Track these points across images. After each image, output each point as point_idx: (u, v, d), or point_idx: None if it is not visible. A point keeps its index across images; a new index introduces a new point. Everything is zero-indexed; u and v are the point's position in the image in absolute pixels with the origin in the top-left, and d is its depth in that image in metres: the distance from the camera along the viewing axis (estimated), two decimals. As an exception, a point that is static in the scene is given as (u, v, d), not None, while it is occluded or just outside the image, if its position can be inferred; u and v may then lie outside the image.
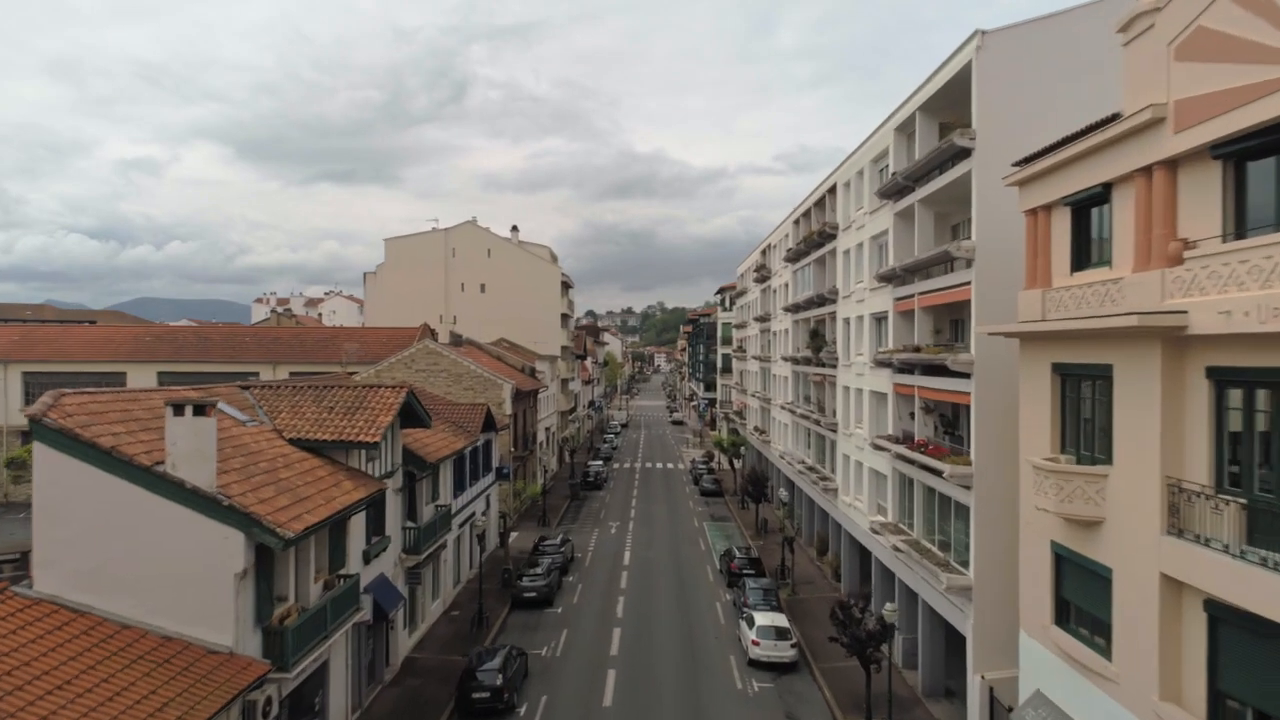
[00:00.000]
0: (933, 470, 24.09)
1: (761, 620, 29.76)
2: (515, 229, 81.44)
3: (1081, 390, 16.15)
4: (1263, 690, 11.65)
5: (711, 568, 42.39)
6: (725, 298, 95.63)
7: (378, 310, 77.07)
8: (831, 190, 39.12)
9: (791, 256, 47.06)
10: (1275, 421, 11.58)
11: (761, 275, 60.25)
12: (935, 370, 24.57)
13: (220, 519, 16.59)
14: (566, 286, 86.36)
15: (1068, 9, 22.09)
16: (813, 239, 41.10)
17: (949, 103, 24.89)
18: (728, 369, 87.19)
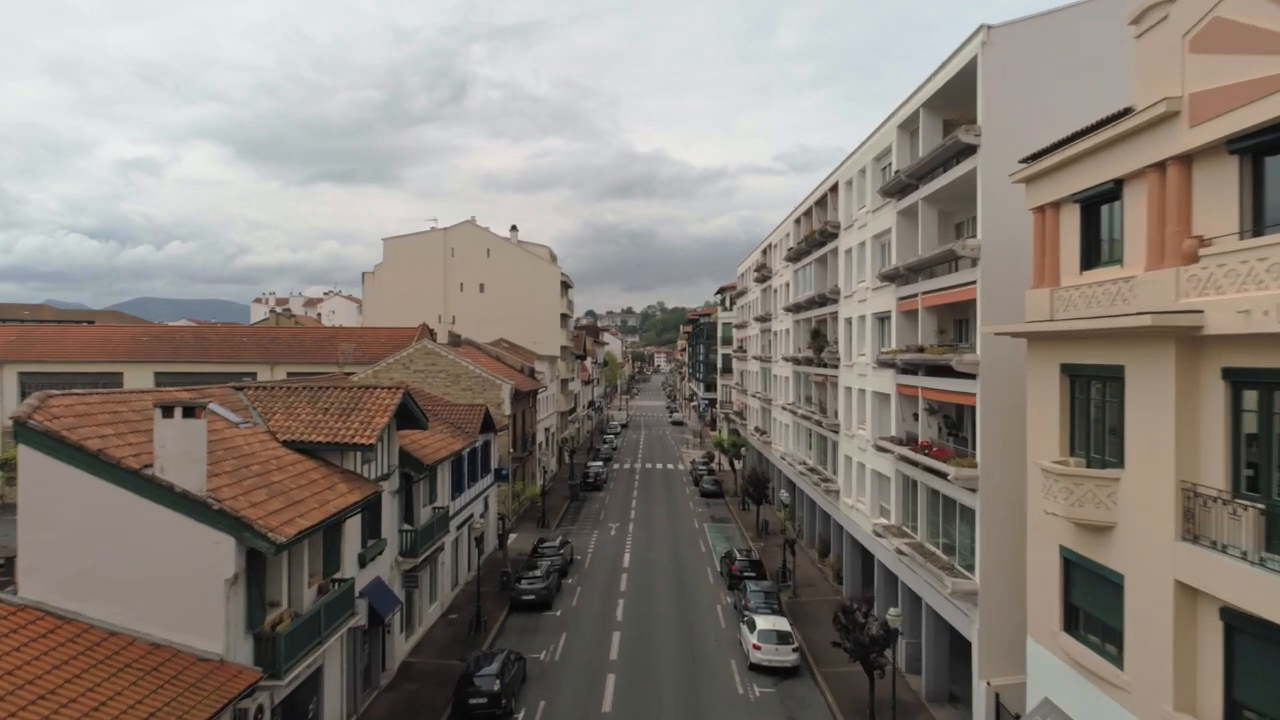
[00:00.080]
0: (937, 473, 23.72)
1: (763, 624, 29.38)
2: (514, 229, 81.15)
3: (1091, 392, 15.79)
4: (1282, 702, 11.32)
5: (712, 570, 42.03)
6: (725, 298, 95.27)
7: (376, 310, 76.68)
8: (833, 189, 38.76)
9: (792, 256, 46.71)
10: (1295, 424, 11.25)
11: (762, 275, 59.90)
12: (940, 371, 24.22)
13: (210, 523, 16.24)
14: (566, 286, 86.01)
15: (1075, 3, 21.71)
16: (814, 238, 40.74)
17: (953, 99, 24.54)
18: (728, 369, 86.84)
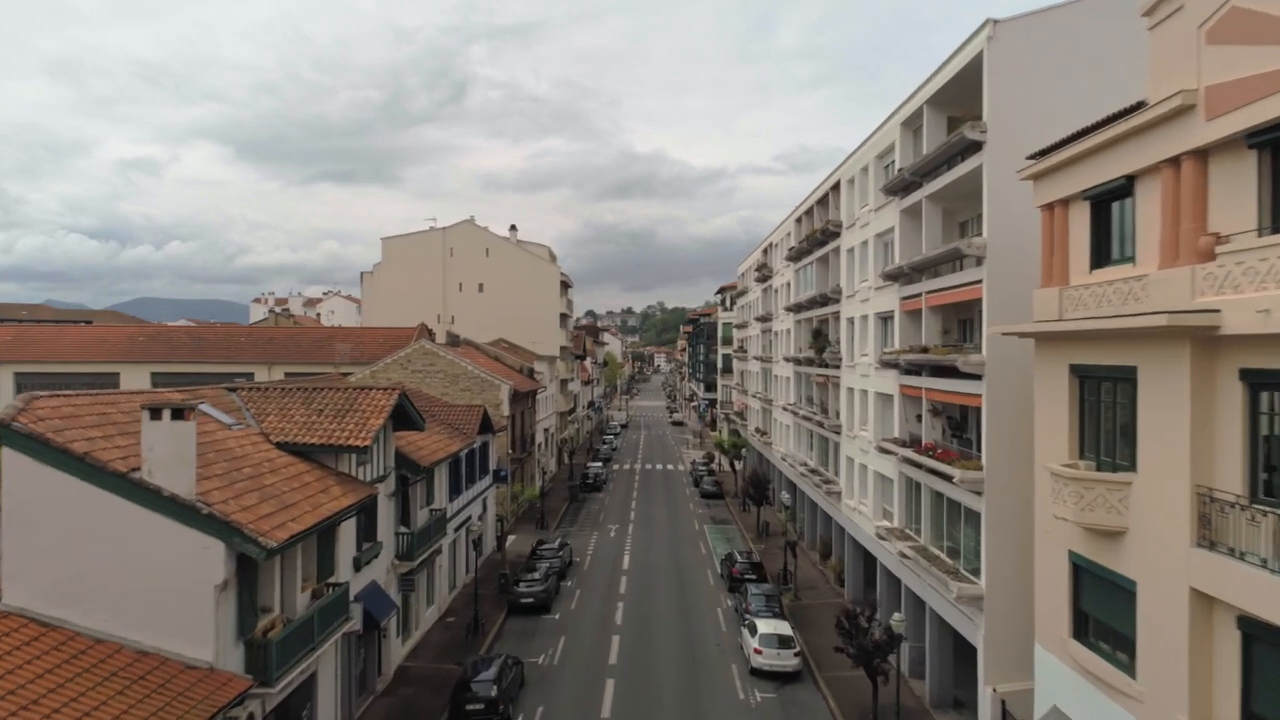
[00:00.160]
0: (942, 475, 23.33)
1: (764, 628, 28.99)
2: (514, 228, 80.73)
3: (1102, 393, 15.40)
4: (1304, 715, 10.94)
5: (712, 572, 41.64)
6: (726, 297, 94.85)
7: (375, 310, 76.25)
8: (835, 187, 38.37)
9: (793, 255, 46.31)
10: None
11: (763, 274, 59.51)
12: (944, 371, 23.83)
13: (199, 528, 15.86)
14: (565, 286, 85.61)
15: (1082, -3, 21.34)
16: (815, 237, 40.35)
17: (958, 96, 24.16)
18: (728, 369, 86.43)
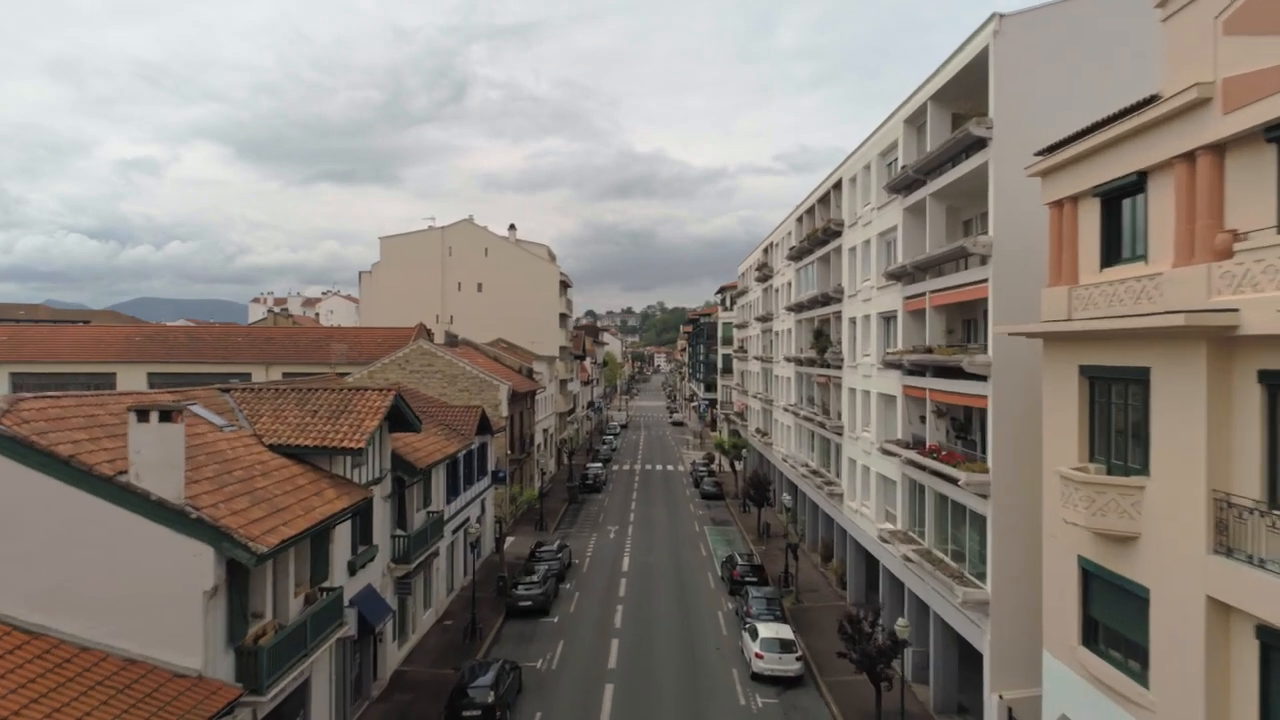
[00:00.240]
0: (947, 477, 22.94)
1: (765, 632, 28.61)
2: (513, 227, 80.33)
3: (1113, 395, 15.03)
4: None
5: (713, 574, 41.25)
6: (726, 297, 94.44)
7: (373, 310, 75.81)
8: (836, 186, 38.00)
9: (794, 254, 45.93)
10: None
11: (763, 274, 59.12)
12: (949, 372, 23.45)
13: (188, 533, 15.47)
14: (565, 286, 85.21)
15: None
16: (817, 236, 39.97)
17: (963, 92, 23.78)
18: (728, 369, 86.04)
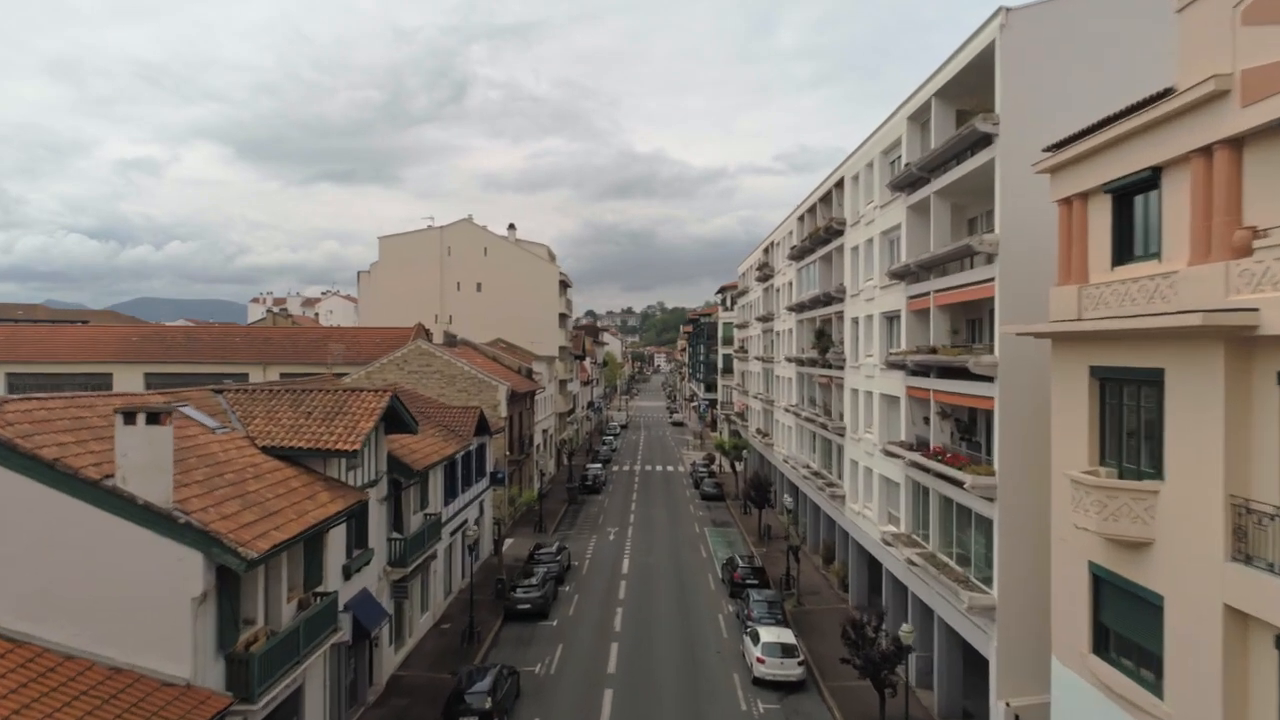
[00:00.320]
0: (951, 480, 22.55)
1: (767, 636, 28.23)
2: (512, 227, 79.91)
3: (1125, 396, 14.65)
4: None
5: (713, 576, 40.87)
6: (726, 297, 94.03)
7: (372, 310, 75.38)
8: (838, 184, 37.62)
9: (796, 254, 45.55)
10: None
11: (764, 274, 58.74)
12: (953, 373, 23.08)
13: (176, 538, 15.10)
14: (565, 285, 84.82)
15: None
16: (818, 235, 39.58)
17: (968, 88, 23.41)
18: (729, 370, 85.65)
